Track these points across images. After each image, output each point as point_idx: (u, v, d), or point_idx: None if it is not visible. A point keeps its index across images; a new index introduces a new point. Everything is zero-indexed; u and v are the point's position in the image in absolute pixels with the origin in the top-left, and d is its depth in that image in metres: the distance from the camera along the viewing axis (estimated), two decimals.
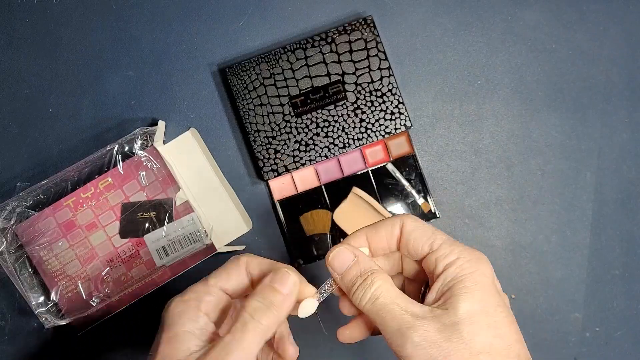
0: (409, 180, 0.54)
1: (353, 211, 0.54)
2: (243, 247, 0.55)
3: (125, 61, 0.55)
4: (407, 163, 0.54)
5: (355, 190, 0.53)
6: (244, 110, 0.53)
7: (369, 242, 0.39)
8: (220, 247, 0.54)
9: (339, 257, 0.38)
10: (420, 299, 0.39)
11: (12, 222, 0.52)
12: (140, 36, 0.55)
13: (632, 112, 0.56)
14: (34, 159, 0.55)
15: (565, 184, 0.55)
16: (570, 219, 0.55)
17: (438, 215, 0.54)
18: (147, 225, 0.52)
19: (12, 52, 0.55)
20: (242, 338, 0.34)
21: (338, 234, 0.54)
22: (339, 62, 0.53)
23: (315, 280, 0.55)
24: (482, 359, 0.33)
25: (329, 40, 0.53)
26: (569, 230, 0.55)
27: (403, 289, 0.41)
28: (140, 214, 0.53)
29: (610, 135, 0.55)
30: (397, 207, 0.54)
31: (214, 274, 0.39)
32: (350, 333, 0.40)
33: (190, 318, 0.37)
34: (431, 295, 0.36)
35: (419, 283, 0.40)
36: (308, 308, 0.38)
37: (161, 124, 0.53)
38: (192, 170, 0.54)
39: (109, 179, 0.52)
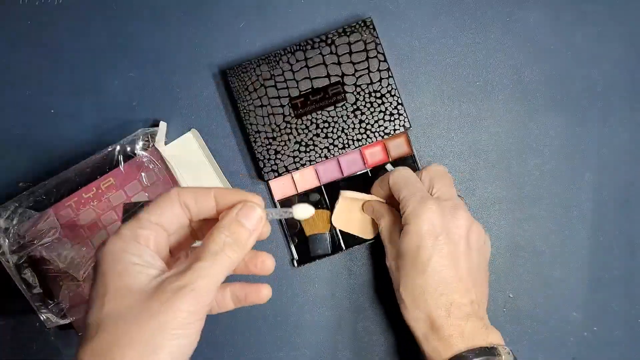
0: None
1: (349, 212, 0.54)
2: None
3: (126, 62, 0.56)
4: (407, 164, 0.55)
5: (344, 193, 0.54)
6: (245, 111, 0.53)
7: (379, 191, 0.53)
8: None
9: (366, 209, 0.54)
10: None
11: (14, 222, 0.52)
12: (142, 37, 0.56)
13: (631, 113, 0.56)
14: (35, 159, 0.55)
15: (564, 184, 0.55)
16: (569, 219, 0.55)
17: None
18: None
19: (13, 53, 0.56)
20: (212, 266, 0.34)
21: (337, 234, 0.54)
22: (339, 63, 0.53)
23: (315, 280, 0.55)
24: (401, 283, 0.47)
25: (329, 42, 0.53)
26: (568, 231, 0.55)
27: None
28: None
29: (609, 136, 0.56)
30: None
31: (145, 209, 0.36)
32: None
33: (133, 253, 0.34)
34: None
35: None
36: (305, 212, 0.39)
37: (162, 125, 0.54)
38: (193, 170, 0.54)
39: (111, 179, 0.53)
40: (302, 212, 0.38)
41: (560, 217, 0.55)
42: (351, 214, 0.54)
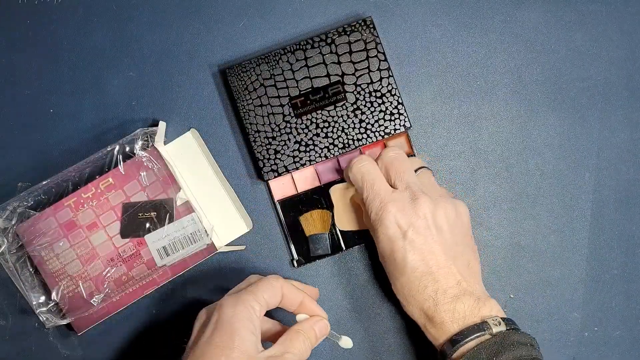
0: None
1: (348, 209, 0.54)
2: (243, 247, 0.55)
3: (126, 62, 0.55)
4: None
5: (333, 188, 0.54)
6: (244, 110, 0.53)
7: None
8: (221, 247, 0.54)
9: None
10: None
11: (13, 222, 0.52)
12: (141, 37, 0.56)
13: (630, 113, 0.56)
14: (35, 159, 0.55)
15: (564, 184, 0.55)
16: (569, 219, 0.55)
17: None
18: (147, 225, 0.53)
19: (13, 53, 0.56)
20: None
21: (337, 233, 0.54)
22: (339, 63, 0.53)
23: (315, 280, 0.55)
24: (393, 286, 0.49)
25: (329, 41, 0.53)
26: (567, 230, 0.55)
27: None
28: (141, 214, 0.53)
29: (609, 136, 0.56)
30: None
31: (261, 287, 0.45)
32: None
33: (255, 325, 0.44)
34: None
35: None
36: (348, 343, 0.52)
37: (162, 125, 0.54)
38: (192, 170, 0.54)
39: (110, 179, 0.53)
40: (346, 343, 0.52)
41: (560, 217, 0.55)
42: (350, 210, 0.54)
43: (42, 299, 0.52)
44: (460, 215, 0.49)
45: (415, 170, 0.51)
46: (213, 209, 0.54)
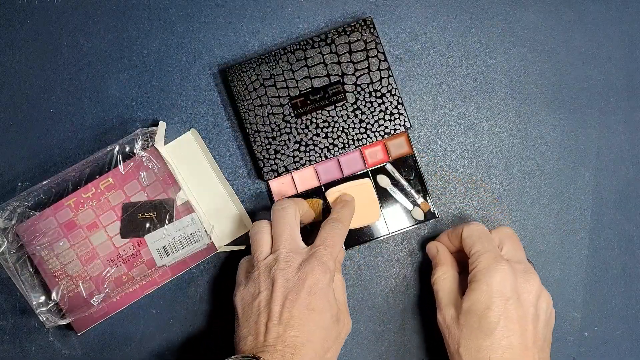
0: (408, 180, 0.55)
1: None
2: (243, 247, 0.55)
3: (126, 62, 0.55)
4: (407, 163, 0.55)
5: (328, 192, 0.54)
6: (244, 110, 0.53)
7: (447, 241, 0.53)
8: (221, 246, 0.54)
9: (429, 248, 0.53)
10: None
11: (13, 222, 0.52)
12: (141, 37, 0.56)
13: (630, 113, 0.56)
14: (35, 159, 0.55)
15: (563, 184, 0.55)
16: (568, 219, 0.55)
17: (437, 215, 0.54)
18: (147, 225, 0.53)
19: (13, 53, 0.56)
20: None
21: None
22: (339, 63, 0.53)
23: None
24: (462, 344, 0.46)
25: (329, 41, 0.53)
26: (567, 230, 0.55)
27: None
28: (141, 214, 0.53)
29: (608, 136, 0.56)
30: (397, 207, 0.54)
31: (298, 203, 0.51)
32: None
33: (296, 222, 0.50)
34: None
35: None
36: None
37: (162, 125, 0.54)
38: (192, 170, 0.54)
39: (110, 179, 0.53)
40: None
41: (560, 217, 0.55)
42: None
43: (42, 298, 0.52)
44: (553, 317, 0.48)
45: None
46: (213, 209, 0.54)
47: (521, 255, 0.49)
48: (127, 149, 0.53)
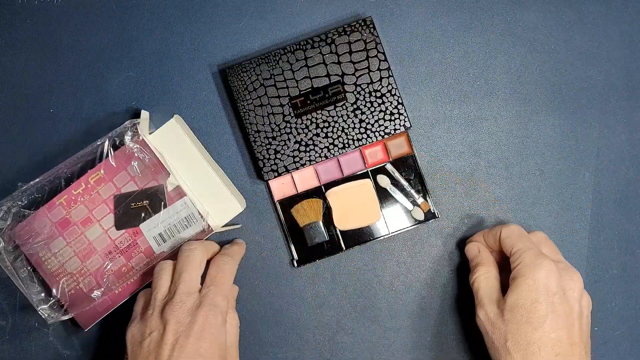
0: (408, 180, 0.55)
1: (346, 208, 0.54)
2: (239, 225, 0.55)
3: (126, 62, 0.55)
4: (407, 163, 0.55)
5: (329, 191, 0.54)
6: (244, 110, 0.53)
7: (483, 242, 0.53)
8: (217, 227, 0.54)
9: (470, 249, 0.53)
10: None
11: (8, 223, 0.52)
12: (141, 37, 0.56)
13: (630, 113, 0.56)
14: (35, 159, 0.55)
15: (563, 184, 0.55)
16: (568, 219, 0.55)
17: (437, 215, 0.54)
18: (141, 214, 0.53)
19: (13, 53, 0.56)
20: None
21: (338, 234, 0.54)
22: (339, 63, 0.53)
23: (315, 280, 0.55)
24: (509, 338, 0.46)
25: (329, 41, 0.53)
26: (567, 230, 0.55)
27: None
28: (133, 204, 0.53)
29: (608, 136, 0.56)
30: (397, 207, 0.54)
31: (207, 246, 0.52)
32: None
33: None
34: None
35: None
36: None
37: (144, 114, 0.54)
38: (180, 155, 0.54)
39: (102, 171, 0.52)
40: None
41: (560, 217, 0.55)
42: (349, 209, 0.54)
43: (43, 295, 0.52)
44: (589, 316, 0.49)
45: None
46: (205, 192, 0.54)
47: (559, 256, 0.51)
48: (118, 141, 0.53)
